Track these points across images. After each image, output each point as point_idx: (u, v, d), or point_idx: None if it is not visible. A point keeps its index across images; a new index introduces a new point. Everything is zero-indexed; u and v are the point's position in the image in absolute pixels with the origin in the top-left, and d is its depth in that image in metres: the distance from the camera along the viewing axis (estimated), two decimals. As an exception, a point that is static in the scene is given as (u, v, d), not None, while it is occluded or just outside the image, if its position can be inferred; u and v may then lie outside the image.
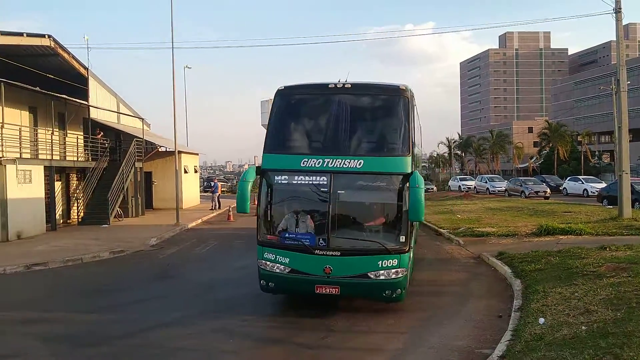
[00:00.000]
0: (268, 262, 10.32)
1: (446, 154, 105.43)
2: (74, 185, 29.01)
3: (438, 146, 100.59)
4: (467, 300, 11.52)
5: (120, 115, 33.78)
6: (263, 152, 10.55)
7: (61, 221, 26.72)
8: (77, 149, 28.14)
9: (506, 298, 11.41)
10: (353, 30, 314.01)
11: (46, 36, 24.05)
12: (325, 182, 10.04)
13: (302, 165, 10.21)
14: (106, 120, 30.82)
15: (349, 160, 10.07)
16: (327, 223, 9.92)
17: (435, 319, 10.23)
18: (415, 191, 9.52)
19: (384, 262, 9.81)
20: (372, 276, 9.83)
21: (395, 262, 9.82)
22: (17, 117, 24.09)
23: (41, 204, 23.40)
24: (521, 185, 44.41)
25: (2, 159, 20.80)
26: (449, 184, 65.40)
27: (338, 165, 10.06)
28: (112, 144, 31.36)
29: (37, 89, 24.28)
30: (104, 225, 26.04)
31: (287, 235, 10.22)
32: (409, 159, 10.10)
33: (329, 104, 10.81)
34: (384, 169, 10.01)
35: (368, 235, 10.15)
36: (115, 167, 28.87)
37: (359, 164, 10.04)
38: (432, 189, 59.40)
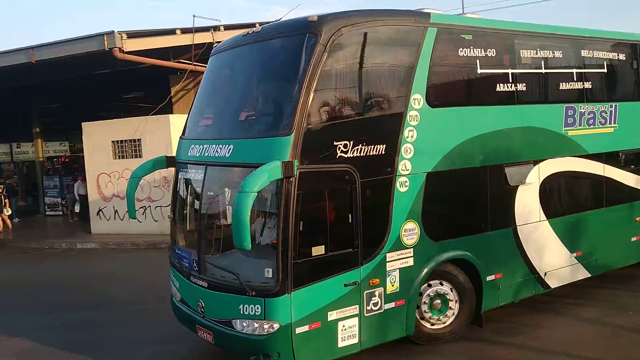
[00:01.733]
0: (171, 283, 7.65)
1: None
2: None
3: None
4: None
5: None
6: None
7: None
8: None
9: None
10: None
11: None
12: (200, 178, 6.87)
13: (189, 154, 7.18)
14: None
15: (221, 147, 6.60)
16: (197, 239, 6.92)
17: None
18: (237, 199, 5.54)
19: (245, 308, 6.13)
20: (236, 326, 6.25)
21: (257, 309, 6.03)
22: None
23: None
24: None
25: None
26: None
27: (211, 154, 6.72)
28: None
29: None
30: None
31: (176, 250, 7.50)
32: (288, 140, 5.91)
33: (232, 62, 7.47)
34: (250, 158, 6.16)
35: (232, 262, 6.58)
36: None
37: (229, 151, 6.47)
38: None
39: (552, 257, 8.26)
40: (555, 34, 8.55)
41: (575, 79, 8.50)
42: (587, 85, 8.68)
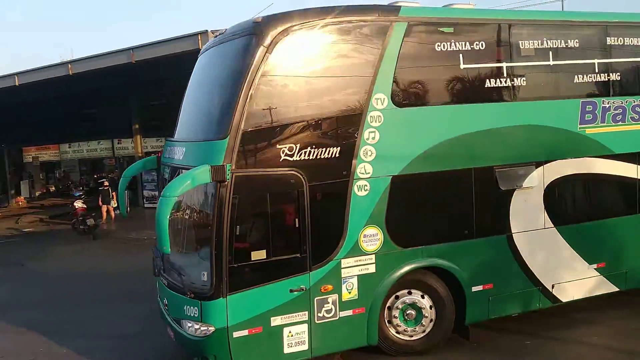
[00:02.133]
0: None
1: None
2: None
3: None
4: None
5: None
6: None
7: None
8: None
9: None
10: None
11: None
12: (167, 179, 7.00)
13: (165, 155, 7.46)
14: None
15: (179, 149, 6.82)
16: None
17: None
18: (158, 203, 5.70)
19: (187, 309, 6.23)
20: (183, 326, 6.35)
21: (195, 311, 6.11)
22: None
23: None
24: None
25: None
26: None
27: (173, 156, 6.94)
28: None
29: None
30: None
31: (155, 247, 7.35)
32: (223, 143, 5.86)
33: (201, 65, 7.63)
34: (193, 161, 6.17)
35: (182, 263, 6.77)
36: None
37: (182, 154, 6.66)
38: None
39: (562, 268, 7.56)
40: (567, 20, 7.84)
41: (596, 71, 7.62)
42: (615, 77, 7.78)
